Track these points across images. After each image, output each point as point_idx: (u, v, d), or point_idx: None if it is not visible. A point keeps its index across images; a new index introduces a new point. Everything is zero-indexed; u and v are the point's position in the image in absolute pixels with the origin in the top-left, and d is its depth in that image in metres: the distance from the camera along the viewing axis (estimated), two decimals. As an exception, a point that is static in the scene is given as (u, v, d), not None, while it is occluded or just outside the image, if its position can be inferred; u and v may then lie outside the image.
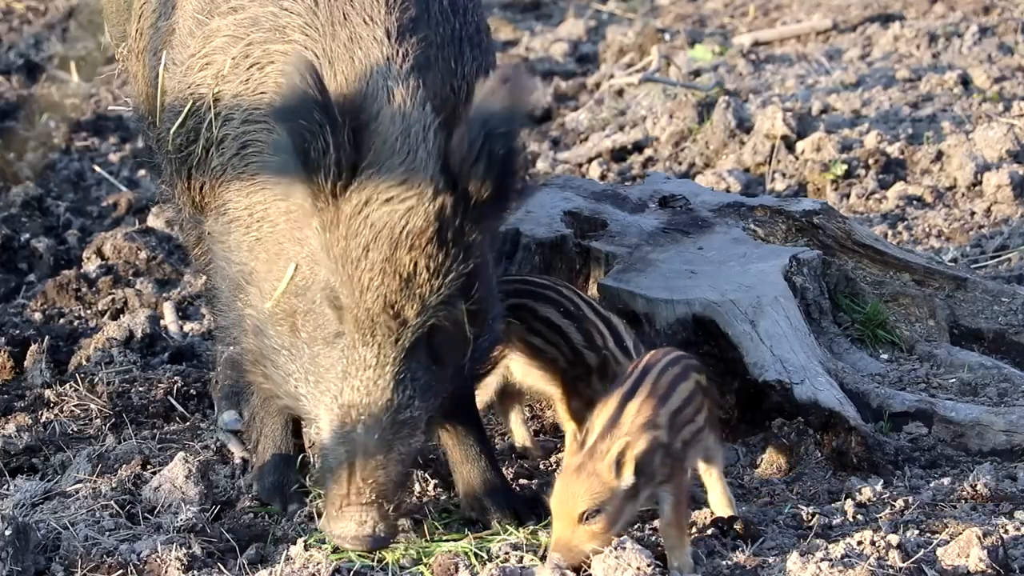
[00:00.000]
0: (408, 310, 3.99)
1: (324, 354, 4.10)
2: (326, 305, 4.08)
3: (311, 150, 3.96)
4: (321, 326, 4.11)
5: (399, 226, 3.96)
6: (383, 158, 3.99)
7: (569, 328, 4.63)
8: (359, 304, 3.99)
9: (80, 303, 6.56)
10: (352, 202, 3.99)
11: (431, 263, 3.97)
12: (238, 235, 4.41)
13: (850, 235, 5.56)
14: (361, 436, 4.01)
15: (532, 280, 4.80)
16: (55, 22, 10.48)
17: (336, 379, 4.07)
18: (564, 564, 3.95)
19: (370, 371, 4.02)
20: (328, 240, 4.03)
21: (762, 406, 4.91)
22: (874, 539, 4.10)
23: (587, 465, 3.98)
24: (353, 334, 4.03)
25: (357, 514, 4.00)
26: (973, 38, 9.21)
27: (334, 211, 4.01)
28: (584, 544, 3.96)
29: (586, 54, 9.97)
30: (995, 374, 5.20)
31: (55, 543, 4.27)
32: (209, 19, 4.46)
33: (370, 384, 4.02)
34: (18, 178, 7.91)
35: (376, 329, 4.00)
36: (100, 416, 5.31)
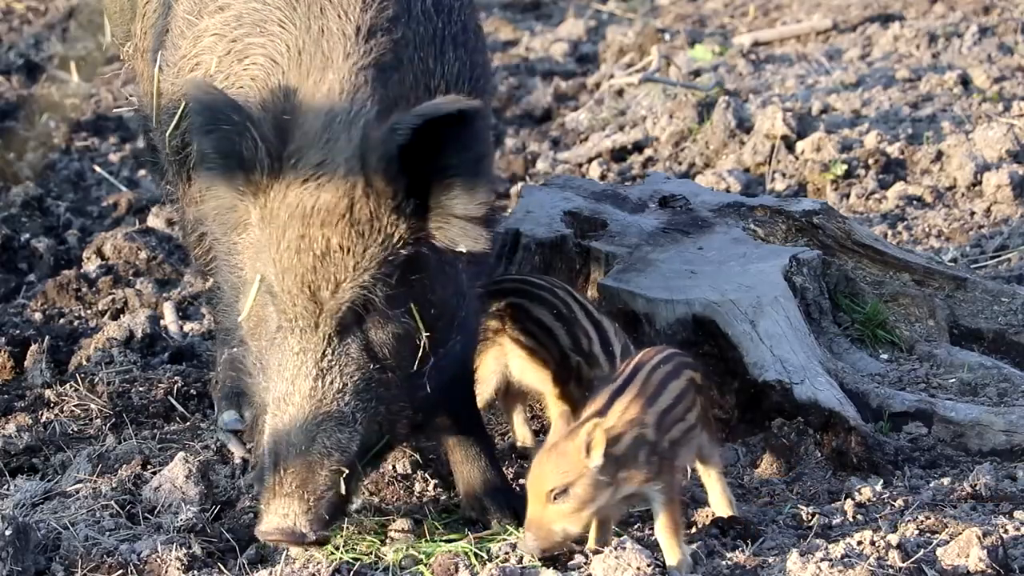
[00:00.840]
0: (323, 290, 3.98)
1: (269, 352, 4.11)
2: (267, 302, 4.09)
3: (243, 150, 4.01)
4: (264, 326, 4.13)
5: (310, 203, 3.98)
6: (305, 147, 4.02)
7: (559, 330, 4.63)
8: (282, 288, 4.01)
9: (80, 303, 6.56)
10: (277, 190, 4.03)
11: (343, 241, 3.97)
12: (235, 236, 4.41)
13: (850, 235, 5.56)
14: (285, 427, 4.01)
15: (530, 280, 4.80)
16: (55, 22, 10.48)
17: (272, 373, 4.08)
18: (535, 543, 3.94)
19: (294, 358, 4.02)
20: (262, 232, 4.06)
21: (762, 406, 4.91)
22: (874, 539, 4.10)
23: (559, 445, 4.00)
24: (281, 322, 4.04)
25: (279, 507, 3.97)
26: (973, 38, 9.21)
27: (264, 202, 4.05)
28: (555, 524, 3.96)
29: (586, 54, 9.97)
30: (995, 374, 5.20)
31: (55, 543, 4.27)
32: (198, 19, 4.48)
33: (294, 372, 4.01)
34: (18, 178, 7.91)
35: (297, 313, 4.01)
36: (100, 416, 5.31)
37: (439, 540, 4.27)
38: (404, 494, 4.70)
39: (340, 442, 4.02)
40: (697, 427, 4.25)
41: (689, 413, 4.22)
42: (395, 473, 4.80)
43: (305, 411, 4.00)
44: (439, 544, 4.23)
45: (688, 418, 4.21)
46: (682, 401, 4.20)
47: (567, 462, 3.97)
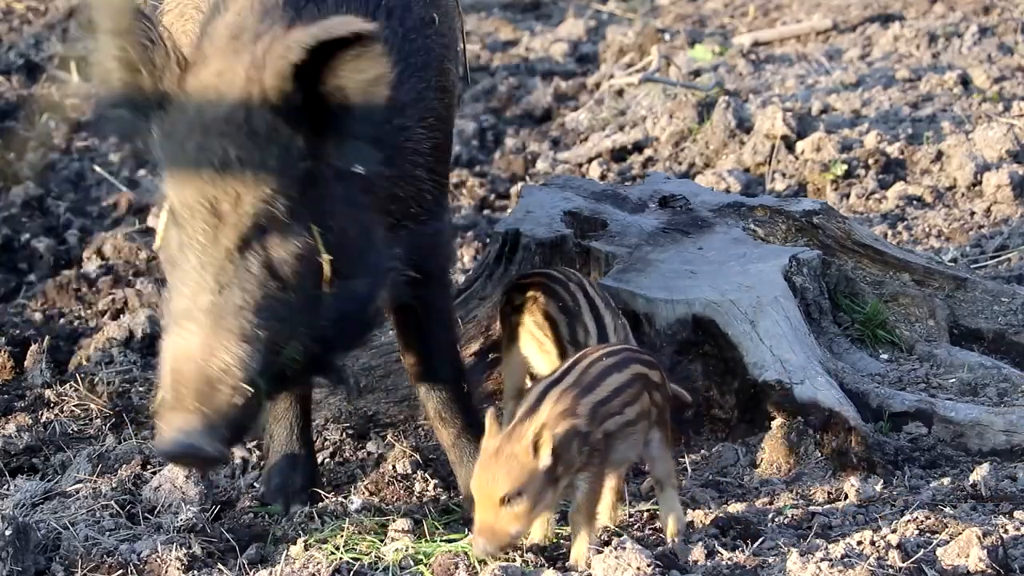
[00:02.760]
0: (223, 202, 3.92)
1: (171, 272, 4.01)
2: (171, 223, 4.02)
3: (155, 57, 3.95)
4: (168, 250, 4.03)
5: (209, 113, 3.93)
6: (208, 58, 3.99)
7: (562, 323, 4.64)
8: (181, 201, 3.94)
9: (80, 303, 6.57)
10: (174, 106, 3.97)
11: (243, 152, 3.92)
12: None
13: (850, 235, 5.56)
14: (184, 343, 3.90)
15: (548, 273, 4.80)
16: (55, 22, 10.49)
17: (174, 294, 3.97)
18: (491, 548, 3.92)
19: (193, 273, 3.93)
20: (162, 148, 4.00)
21: (762, 406, 4.91)
22: (874, 539, 4.10)
23: (505, 448, 3.96)
24: (181, 237, 3.97)
25: (178, 422, 3.85)
26: (973, 38, 9.21)
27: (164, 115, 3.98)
28: (508, 527, 3.93)
29: (586, 54, 9.97)
30: (995, 374, 5.20)
31: (55, 543, 4.27)
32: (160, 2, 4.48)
33: (193, 286, 3.92)
34: (18, 178, 7.91)
35: (196, 226, 3.93)
36: (100, 416, 5.32)
37: (439, 540, 4.27)
38: (404, 494, 4.71)
39: (241, 359, 3.91)
40: (639, 423, 4.21)
41: (628, 408, 4.17)
42: (395, 473, 4.81)
43: (205, 326, 3.90)
44: (439, 544, 4.23)
45: (626, 412, 4.17)
46: (620, 395, 4.17)
47: (516, 465, 3.94)
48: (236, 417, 3.90)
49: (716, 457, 4.90)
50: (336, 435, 5.11)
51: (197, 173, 3.92)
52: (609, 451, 4.12)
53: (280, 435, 4.74)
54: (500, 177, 8.04)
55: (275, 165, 3.94)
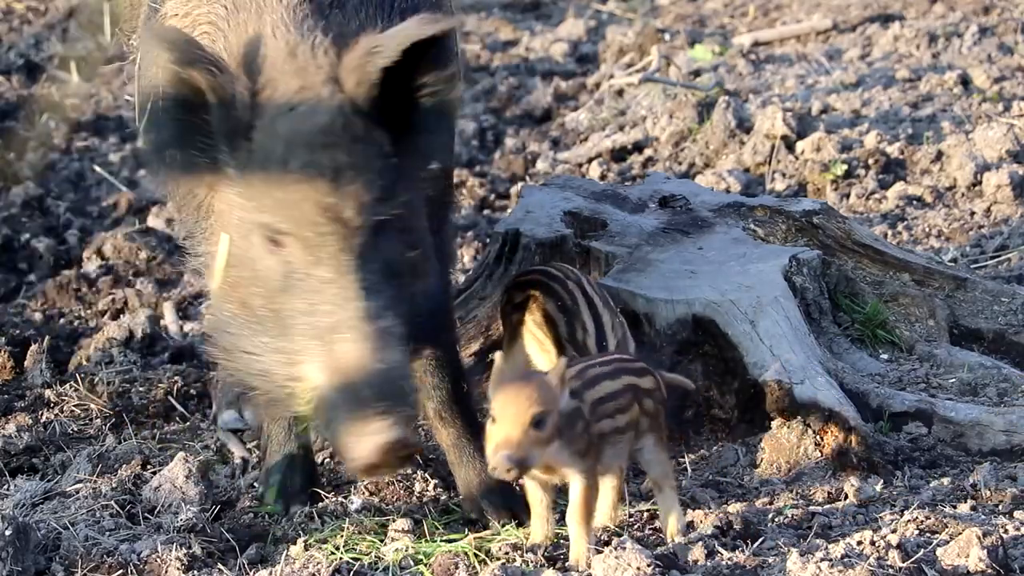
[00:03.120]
0: (345, 209, 3.97)
1: (284, 304, 4.03)
2: (266, 251, 4.04)
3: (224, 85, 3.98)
4: (269, 280, 4.05)
5: (307, 126, 3.98)
6: (277, 80, 4.03)
7: (560, 322, 4.64)
8: (299, 219, 3.97)
9: (80, 303, 6.57)
10: (259, 130, 4.01)
11: (350, 157, 3.98)
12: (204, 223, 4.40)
13: (850, 235, 5.56)
14: (348, 353, 3.94)
15: (546, 271, 4.80)
16: (55, 22, 10.48)
17: (304, 316, 3.99)
18: (514, 460, 3.90)
19: (333, 287, 3.97)
20: (248, 180, 4.03)
21: (762, 406, 4.91)
22: (874, 539, 4.10)
23: (533, 376, 4.02)
24: (304, 257, 3.99)
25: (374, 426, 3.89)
26: (973, 38, 9.21)
27: (246, 149, 4.02)
28: (532, 447, 3.93)
29: (586, 54, 9.97)
30: (995, 374, 5.20)
31: (55, 543, 4.27)
32: (161, 5, 4.48)
33: (338, 300, 3.96)
34: (18, 178, 7.91)
35: (323, 239, 3.97)
36: (100, 416, 5.32)
37: (439, 540, 4.27)
38: (404, 494, 4.70)
39: (402, 356, 4.00)
40: (627, 433, 4.21)
41: (620, 415, 4.19)
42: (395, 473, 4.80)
43: (363, 331, 3.94)
44: (439, 544, 4.23)
45: (617, 419, 4.18)
46: (613, 401, 4.18)
47: (548, 390, 3.97)
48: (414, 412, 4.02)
49: (716, 457, 4.90)
50: (336, 435, 5.10)
51: (312, 187, 3.96)
52: (599, 451, 4.13)
53: (278, 435, 4.73)
54: (500, 177, 8.04)
55: (376, 167, 4.02)
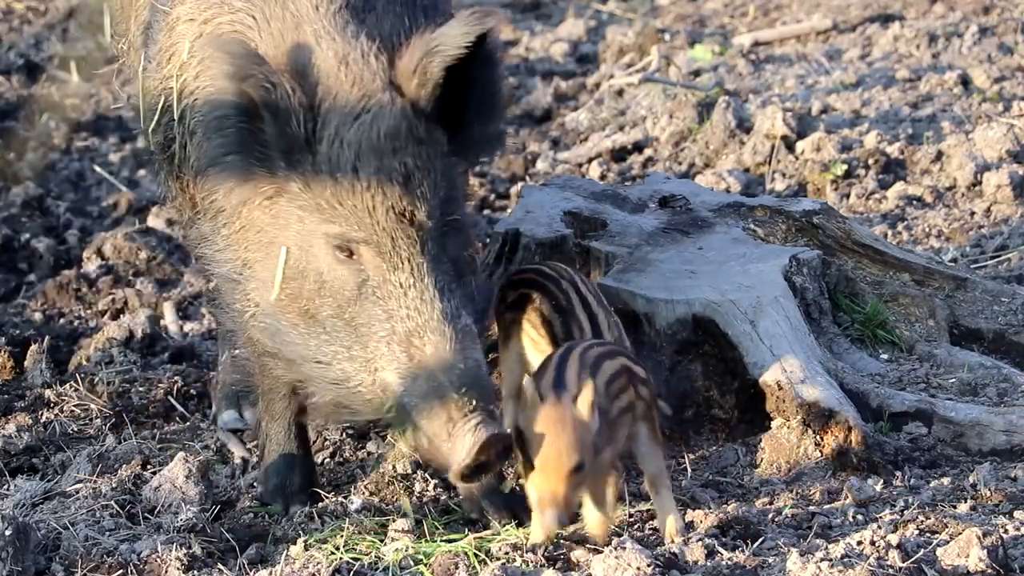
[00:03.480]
0: (419, 213, 4.03)
1: (359, 312, 4.08)
2: (337, 264, 4.08)
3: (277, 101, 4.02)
4: (341, 288, 4.10)
5: (375, 134, 4.03)
6: (334, 90, 4.07)
7: (556, 322, 4.64)
8: (374, 227, 4.02)
9: (80, 303, 6.57)
10: (323, 140, 4.05)
11: (419, 161, 4.04)
12: (225, 231, 4.40)
13: (850, 235, 5.56)
14: (433, 355, 3.98)
15: (539, 270, 4.81)
16: (55, 22, 10.48)
17: (383, 323, 4.05)
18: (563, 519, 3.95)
19: (412, 291, 4.02)
20: (314, 192, 4.07)
21: (762, 406, 4.91)
22: (874, 539, 4.10)
23: (566, 416, 3.99)
24: (379, 267, 4.04)
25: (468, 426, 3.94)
26: (973, 38, 9.21)
27: (311, 159, 4.05)
28: (575, 497, 3.98)
29: (586, 54, 9.97)
30: (995, 374, 5.20)
31: (55, 543, 4.27)
32: (172, 8, 4.49)
33: (417, 303, 4.02)
34: (18, 178, 7.91)
35: (398, 244, 4.02)
36: (100, 416, 5.32)
37: (439, 540, 4.27)
38: (404, 494, 4.70)
39: (480, 354, 4.06)
40: (626, 415, 4.23)
41: (623, 394, 4.22)
42: (395, 473, 4.80)
43: (448, 333, 3.99)
44: (439, 544, 4.23)
45: (622, 398, 4.21)
46: (616, 380, 4.21)
47: (583, 432, 3.97)
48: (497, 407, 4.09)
49: (716, 457, 4.90)
50: (336, 435, 5.11)
51: (384, 194, 4.00)
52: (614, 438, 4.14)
53: (277, 434, 4.73)
54: (500, 177, 8.04)
55: (439, 167, 4.09)
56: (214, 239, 4.45)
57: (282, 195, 4.14)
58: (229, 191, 4.28)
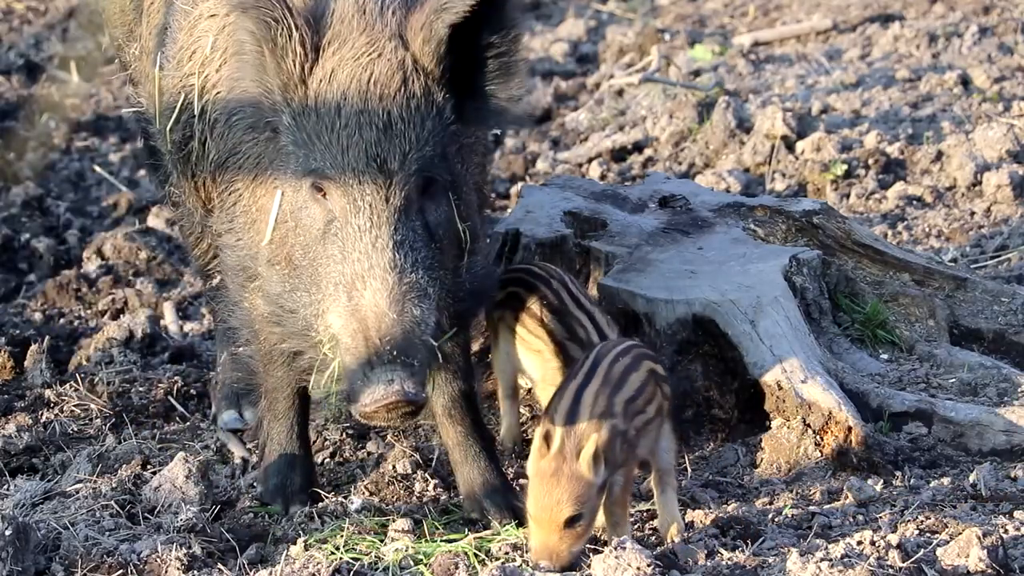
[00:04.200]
0: (392, 160, 4.03)
1: (322, 252, 4.09)
2: (311, 201, 4.11)
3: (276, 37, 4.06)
4: (311, 227, 4.12)
5: (364, 77, 4.05)
6: (344, 34, 4.10)
7: (551, 321, 4.64)
8: (344, 166, 4.04)
9: (80, 303, 6.56)
10: (317, 77, 4.08)
11: (404, 113, 4.05)
12: (242, 217, 4.42)
13: (850, 235, 5.56)
14: (370, 301, 3.97)
15: (528, 270, 4.82)
16: (55, 22, 10.48)
17: (336, 264, 4.05)
18: (555, 568, 3.95)
19: (367, 235, 4.02)
20: (301, 123, 4.09)
21: (762, 406, 4.91)
22: (874, 539, 4.10)
23: (563, 469, 3.97)
24: (343, 206, 4.05)
25: (383, 375, 3.93)
26: (973, 38, 9.21)
27: (303, 92, 4.09)
28: (571, 547, 3.97)
29: (586, 54, 9.97)
30: (995, 374, 5.20)
31: (55, 543, 4.27)
32: (194, 7, 4.51)
33: (369, 248, 4.01)
34: (18, 178, 7.91)
35: (364, 189, 4.03)
36: (100, 416, 5.32)
37: (439, 540, 4.27)
38: (404, 494, 4.70)
39: (424, 314, 4.02)
40: (656, 420, 4.26)
41: (649, 405, 4.23)
42: (395, 473, 4.80)
43: (389, 282, 3.98)
44: (439, 544, 4.23)
45: (648, 410, 4.22)
46: (643, 393, 4.22)
47: (580, 485, 3.96)
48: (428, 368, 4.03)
49: (716, 457, 4.90)
50: (336, 435, 5.11)
51: (361, 138, 4.02)
52: (636, 446, 4.15)
53: (279, 434, 4.73)
54: (500, 177, 8.04)
55: (431, 127, 4.08)
56: (229, 229, 4.46)
57: (278, 133, 4.18)
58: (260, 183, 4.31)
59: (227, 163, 4.44)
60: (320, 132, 4.07)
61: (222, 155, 4.43)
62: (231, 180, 4.45)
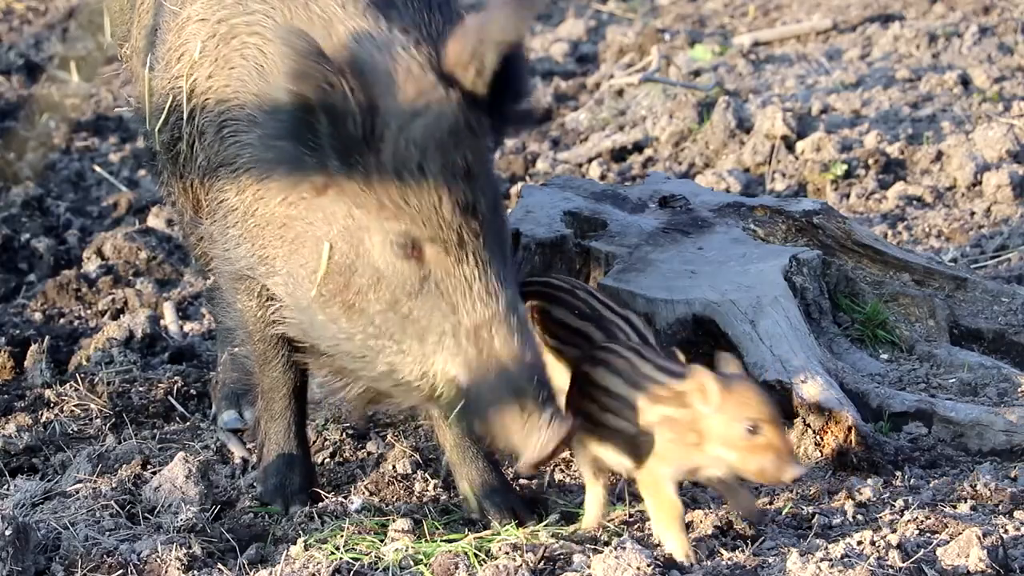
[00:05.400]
0: (480, 205, 4.04)
1: (419, 307, 4.07)
2: (397, 259, 4.06)
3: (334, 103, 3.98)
4: (400, 285, 4.08)
5: (440, 130, 4.01)
6: (388, 86, 4.04)
7: (588, 328, 4.62)
8: (440, 223, 4.01)
9: (80, 303, 6.56)
10: (387, 140, 4.02)
11: (477, 154, 4.05)
12: (235, 230, 4.39)
13: (850, 235, 5.56)
14: (503, 350, 3.99)
15: (549, 283, 4.80)
16: (55, 22, 10.49)
17: (448, 316, 4.04)
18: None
19: (477, 284, 4.03)
20: (377, 191, 4.04)
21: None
22: (874, 539, 4.10)
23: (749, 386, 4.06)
24: (444, 262, 4.03)
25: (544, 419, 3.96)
26: (973, 38, 9.21)
27: (373, 158, 4.02)
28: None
29: (586, 54, 9.97)
30: (995, 374, 5.20)
31: (55, 543, 4.27)
32: (182, 8, 4.48)
33: (484, 296, 4.02)
34: (18, 178, 7.91)
35: (463, 239, 4.02)
36: (100, 416, 5.32)
37: (439, 540, 4.27)
38: (404, 494, 4.70)
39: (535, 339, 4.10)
40: None
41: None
42: (395, 473, 4.80)
43: (514, 326, 4.01)
44: (439, 544, 4.23)
45: None
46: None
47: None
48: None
49: (716, 457, 4.90)
50: (336, 435, 5.11)
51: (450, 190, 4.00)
52: None
53: (277, 434, 4.73)
54: (500, 177, 8.05)
55: (489, 157, 4.13)
56: (221, 238, 4.44)
57: (328, 191, 4.11)
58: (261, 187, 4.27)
59: (218, 173, 4.39)
60: (406, 195, 4.01)
61: (212, 164, 4.39)
62: (221, 190, 4.41)
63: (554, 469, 4.88)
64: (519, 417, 3.97)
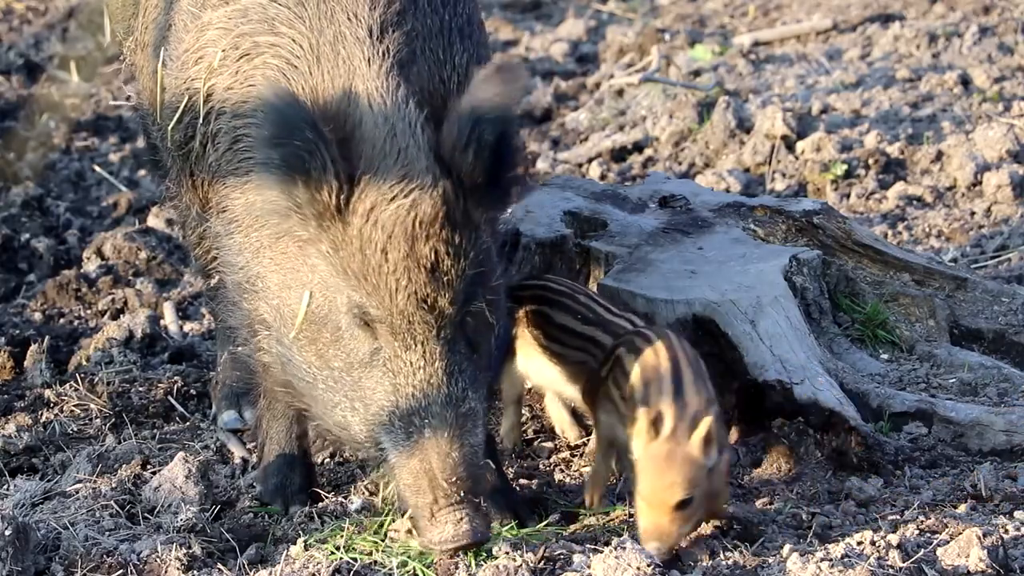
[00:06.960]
0: (441, 300, 3.98)
1: (367, 376, 4.07)
2: (355, 326, 4.06)
3: (311, 170, 3.97)
4: (354, 350, 4.08)
5: (410, 220, 3.97)
6: (376, 162, 4.02)
7: (595, 332, 4.62)
8: (392, 309, 3.99)
9: (80, 303, 6.56)
10: (358, 213, 4.00)
11: (450, 248, 3.99)
12: (239, 237, 4.39)
13: (850, 235, 5.56)
14: (430, 439, 3.98)
15: (549, 287, 4.80)
16: (55, 22, 10.48)
17: (387, 395, 4.04)
18: (664, 550, 3.98)
19: (421, 373, 4.01)
20: (342, 259, 4.03)
21: (762, 406, 4.90)
22: (874, 539, 4.10)
23: (676, 452, 4.02)
24: (392, 343, 4.01)
25: (451, 516, 3.96)
26: (973, 38, 9.21)
27: (341, 228, 4.02)
28: (680, 529, 4.02)
29: (586, 54, 9.97)
30: (995, 374, 5.20)
31: (55, 543, 4.27)
32: (202, 12, 4.46)
33: (424, 386, 4.00)
34: (18, 178, 7.91)
35: (415, 329, 3.99)
36: (100, 416, 5.32)
37: (439, 540, 4.26)
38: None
39: (478, 437, 4.05)
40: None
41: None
42: (395, 473, 4.79)
43: (448, 419, 3.98)
44: (439, 544, 4.22)
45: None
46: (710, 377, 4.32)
47: (693, 468, 4.01)
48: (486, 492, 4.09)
49: (716, 457, 4.90)
50: (336, 435, 5.10)
51: (409, 280, 3.97)
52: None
53: (278, 433, 4.73)
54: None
55: (470, 248, 4.03)
56: (226, 240, 4.45)
57: (311, 246, 4.11)
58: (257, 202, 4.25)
59: (227, 180, 4.39)
60: (366, 272, 3.99)
61: (224, 170, 4.39)
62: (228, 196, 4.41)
63: (554, 469, 4.88)
64: (429, 506, 3.98)
